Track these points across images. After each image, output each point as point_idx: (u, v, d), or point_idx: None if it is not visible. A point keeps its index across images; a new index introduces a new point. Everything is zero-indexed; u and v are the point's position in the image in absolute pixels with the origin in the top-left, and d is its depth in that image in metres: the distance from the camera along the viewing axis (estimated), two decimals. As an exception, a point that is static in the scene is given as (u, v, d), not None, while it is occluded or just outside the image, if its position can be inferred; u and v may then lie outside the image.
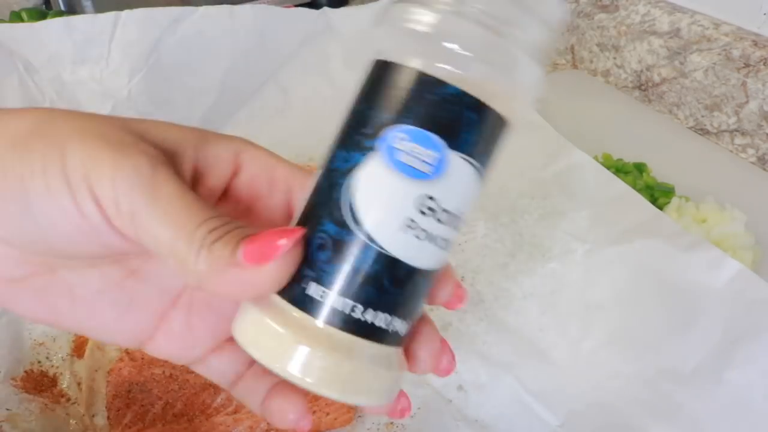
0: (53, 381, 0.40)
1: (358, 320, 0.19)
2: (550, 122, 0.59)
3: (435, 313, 0.46)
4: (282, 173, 0.23)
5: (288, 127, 0.62)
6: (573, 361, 0.42)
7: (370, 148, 0.19)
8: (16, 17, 0.68)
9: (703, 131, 0.67)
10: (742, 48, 0.62)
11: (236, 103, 0.63)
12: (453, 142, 0.18)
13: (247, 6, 0.63)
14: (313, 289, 0.19)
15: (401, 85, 0.19)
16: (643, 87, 0.73)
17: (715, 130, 0.66)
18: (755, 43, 0.62)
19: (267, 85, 0.64)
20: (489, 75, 0.19)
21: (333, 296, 0.19)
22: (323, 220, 0.19)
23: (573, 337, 0.44)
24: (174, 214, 0.19)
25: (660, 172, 0.58)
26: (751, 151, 0.63)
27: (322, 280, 0.19)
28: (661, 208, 0.52)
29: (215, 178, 0.22)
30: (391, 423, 0.39)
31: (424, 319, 0.22)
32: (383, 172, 0.18)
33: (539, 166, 0.56)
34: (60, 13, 0.70)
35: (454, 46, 0.18)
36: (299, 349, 0.19)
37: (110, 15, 0.57)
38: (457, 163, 0.19)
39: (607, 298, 0.45)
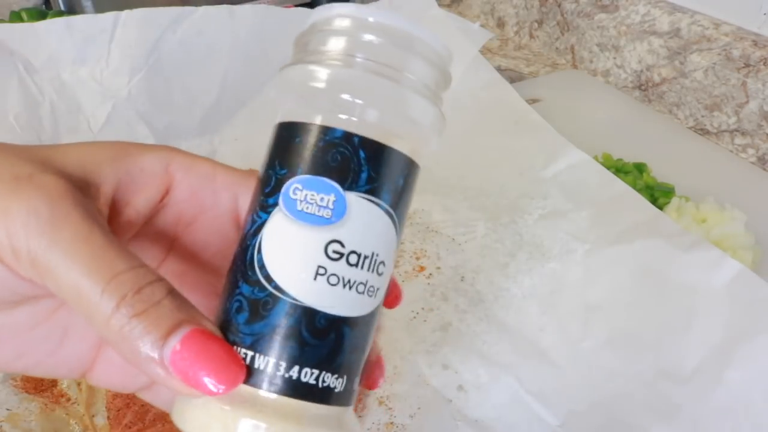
0: (53, 381, 0.40)
1: (290, 379, 0.18)
2: (550, 122, 0.59)
3: (435, 312, 0.46)
4: (224, 180, 0.22)
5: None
6: (573, 361, 0.42)
7: (273, 205, 0.19)
8: (16, 17, 0.68)
9: (703, 131, 0.67)
10: (742, 48, 0.62)
11: (236, 103, 0.62)
12: (348, 183, 0.18)
13: (247, 6, 0.63)
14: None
15: (293, 140, 0.19)
16: (643, 87, 0.73)
17: (715, 130, 0.66)
18: (755, 43, 0.62)
19: (267, 85, 0.64)
20: (368, 115, 0.18)
21: (258, 358, 0.18)
22: (239, 283, 0.19)
23: (573, 337, 0.44)
24: (78, 261, 0.17)
25: (660, 172, 0.58)
26: (751, 151, 0.63)
27: (245, 342, 0.18)
28: (661, 208, 0.52)
29: (145, 195, 0.20)
30: (391, 423, 0.39)
31: None
32: (286, 225, 0.18)
33: (539, 166, 0.56)
34: (60, 13, 0.70)
35: (329, 95, 0.18)
36: (242, 423, 0.18)
37: (110, 15, 0.57)
38: (358, 204, 0.18)
39: (607, 298, 0.45)
